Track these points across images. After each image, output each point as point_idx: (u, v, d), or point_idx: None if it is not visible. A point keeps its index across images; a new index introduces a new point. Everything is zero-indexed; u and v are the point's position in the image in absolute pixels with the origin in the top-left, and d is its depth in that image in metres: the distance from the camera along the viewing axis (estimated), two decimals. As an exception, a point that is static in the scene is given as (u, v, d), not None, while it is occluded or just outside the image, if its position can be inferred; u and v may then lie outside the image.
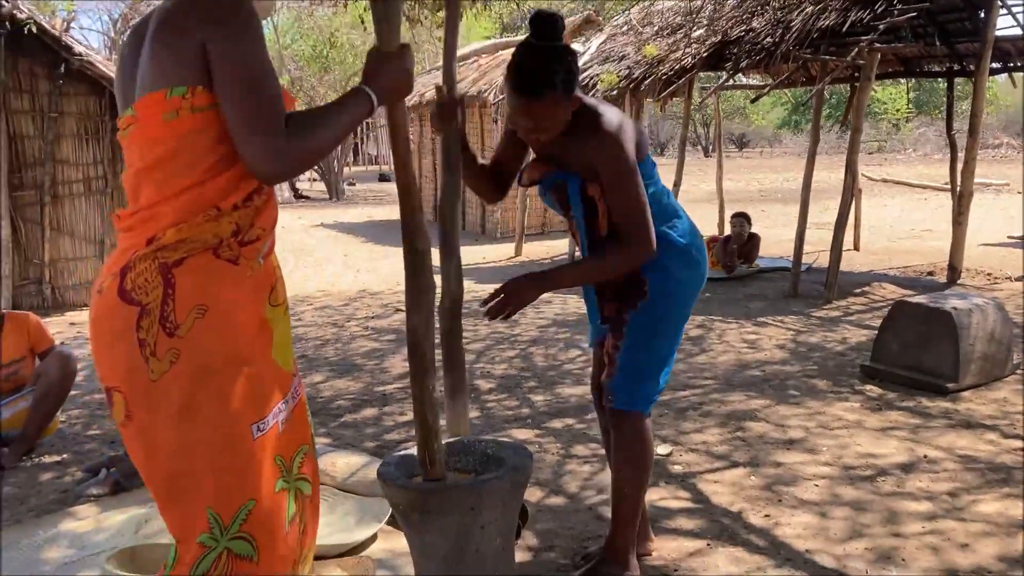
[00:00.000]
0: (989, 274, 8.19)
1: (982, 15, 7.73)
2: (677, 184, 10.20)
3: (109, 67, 8.13)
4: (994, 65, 8.51)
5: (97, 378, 1.80)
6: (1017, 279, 7.90)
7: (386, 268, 10.30)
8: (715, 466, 3.68)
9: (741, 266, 8.74)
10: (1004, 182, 18.21)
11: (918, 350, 4.73)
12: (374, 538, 3.04)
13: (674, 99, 10.99)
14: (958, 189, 8.05)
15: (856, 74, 8.69)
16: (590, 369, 3.00)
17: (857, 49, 7.23)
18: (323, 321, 7.32)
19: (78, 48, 7.80)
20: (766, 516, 3.16)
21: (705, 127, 36.20)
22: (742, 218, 8.94)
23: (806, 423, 4.19)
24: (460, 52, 15.58)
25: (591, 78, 9.52)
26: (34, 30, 7.26)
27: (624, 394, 2.57)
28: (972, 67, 8.23)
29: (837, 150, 27.65)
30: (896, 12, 7.26)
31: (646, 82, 9.13)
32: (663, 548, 2.92)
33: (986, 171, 18.99)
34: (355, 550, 2.96)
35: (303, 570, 1.93)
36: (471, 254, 11.26)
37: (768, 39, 8.04)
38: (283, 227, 14.91)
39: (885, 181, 17.74)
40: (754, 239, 8.91)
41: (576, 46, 9.63)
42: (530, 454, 2.44)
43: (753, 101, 10.29)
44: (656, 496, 3.34)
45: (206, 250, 1.72)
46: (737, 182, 21.65)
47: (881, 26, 7.18)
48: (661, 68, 8.99)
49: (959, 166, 8.24)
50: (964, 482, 3.41)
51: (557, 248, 11.41)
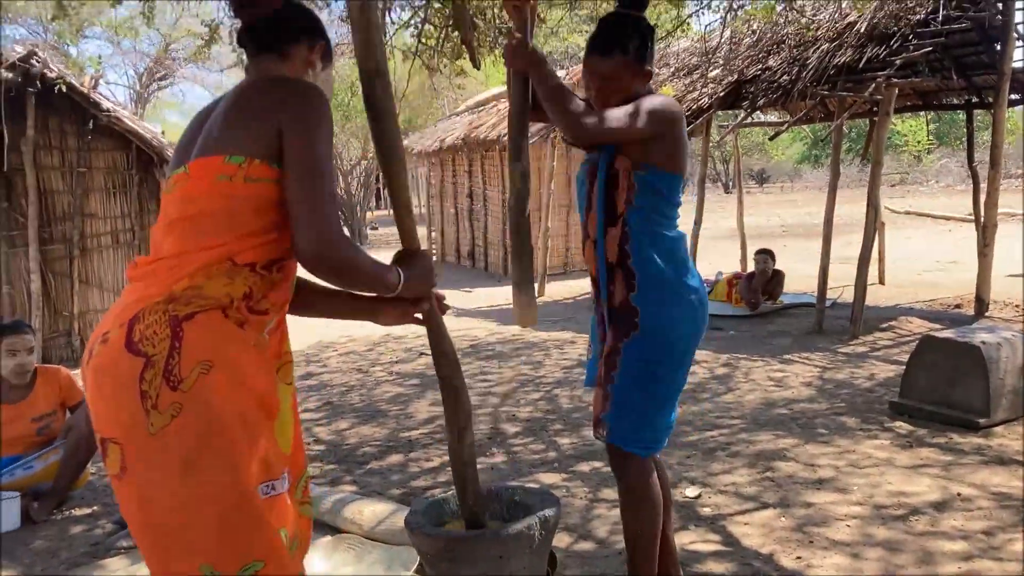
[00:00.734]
0: (1017, 305, 8.10)
1: (998, 48, 7.74)
2: (698, 223, 10.20)
3: (136, 122, 8.32)
4: (1013, 96, 8.50)
5: (94, 428, 1.78)
6: (1046, 310, 7.81)
7: (410, 312, 10.32)
8: (745, 507, 3.64)
9: (765, 303, 8.71)
10: (1029, 212, 18.03)
11: (947, 385, 4.68)
12: (403, 587, 3.04)
13: (693, 137, 11.03)
14: (982, 221, 8.01)
15: (875, 109, 8.71)
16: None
17: (874, 85, 7.26)
18: (348, 367, 7.35)
19: (106, 104, 7.99)
20: (798, 558, 3.12)
21: (724, 163, 36.28)
22: (766, 254, 8.92)
23: (836, 462, 4.15)
24: (480, 97, 15.79)
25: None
26: (64, 89, 7.44)
27: (618, 429, 2.48)
28: (991, 99, 8.23)
29: (859, 183, 27.56)
30: (912, 47, 7.30)
31: (664, 122, 9.17)
32: (694, 593, 2.89)
33: (1010, 201, 18.78)
34: (384, 600, 2.95)
35: None
36: (494, 296, 11.30)
37: (785, 77, 8.10)
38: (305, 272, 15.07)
39: (908, 213, 17.64)
40: (778, 275, 8.89)
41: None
42: (557, 500, 2.44)
43: (771, 139, 10.28)
44: (686, 539, 3.31)
45: (216, 308, 1.74)
46: (758, 218, 21.63)
47: (898, 61, 7.22)
48: (681, 108, 9.04)
49: (982, 197, 8.20)
50: (999, 520, 3.36)
51: (580, 287, 11.42)
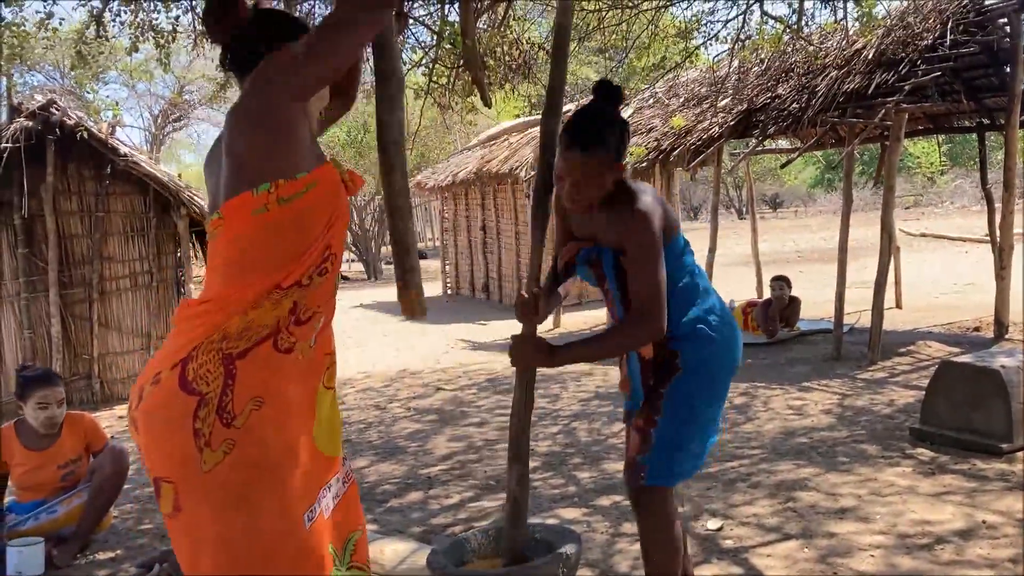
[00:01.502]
0: (1037, 327, 8.04)
1: (1007, 69, 7.76)
2: (712, 250, 10.21)
3: (152, 166, 8.44)
4: (1024, 118, 8.51)
5: (145, 469, 1.81)
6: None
7: (425, 347, 10.37)
8: (767, 539, 3.62)
9: (782, 330, 8.68)
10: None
11: (968, 410, 4.65)
12: (425, 627, 3.03)
13: (704, 166, 11.09)
14: (998, 243, 7.98)
15: (885, 134, 8.73)
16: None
17: (884, 111, 7.28)
18: (366, 403, 7.36)
19: (123, 149, 8.10)
20: (822, 590, 3.10)
21: (737, 190, 36.29)
22: (782, 281, 8.89)
23: (857, 490, 4.12)
24: (491, 132, 15.91)
25: (620, 151, 9.64)
26: (86, 136, 7.56)
27: (656, 469, 2.53)
28: (1002, 121, 8.23)
29: (873, 206, 27.49)
30: (920, 72, 7.32)
31: (675, 153, 9.24)
32: (718, 628, 2.86)
33: (1026, 221, 18.74)
34: (407, 640, 2.95)
35: None
36: (509, 328, 11.28)
37: (794, 105, 8.14)
38: (323, 310, 15.13)
39: (924, 235, 17.60)
40: (794, 302, 8.86)
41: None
42: (578, 536, 2.44)
43: (783, 167, 10.33)
44: (708, 573, 3.29)
45: (266, 340, 1.77)
46: (773, 243, 21.59)
47: (907, 87, 7.25)
48: (689, 138, 9.10)
49: (997, 219, 8.18)
50: (1026, 547, 3.32)
51: (596, 318, 11.41)
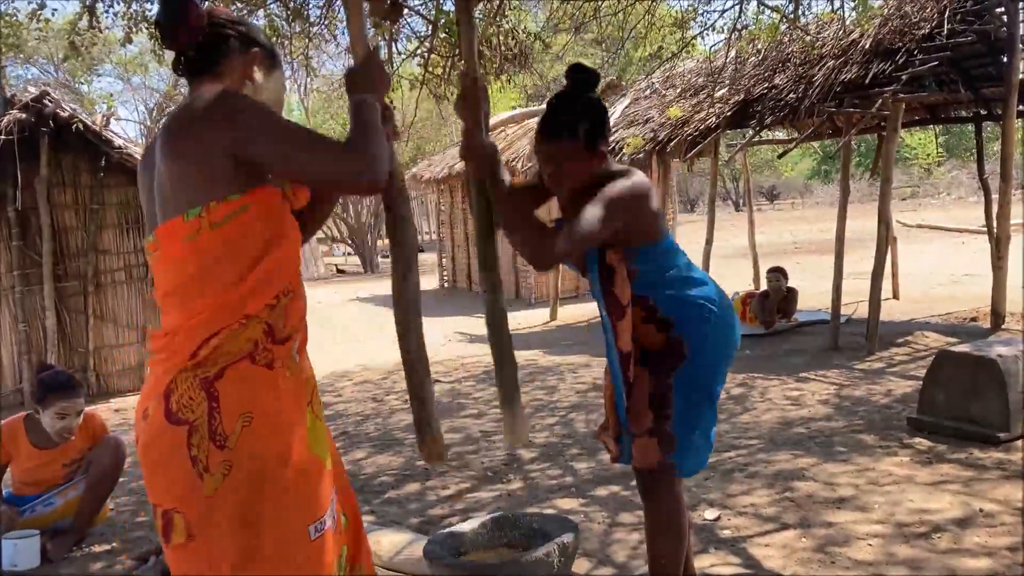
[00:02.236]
0: (1034, 317, 8.05)
1: (1005, 59, 7.74)
2: (709, 242, 10.21)
3: (148, 157, 8.39)
4: (1022, 108, 8.48)
5: (152, 507, 1.82)
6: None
7: (423, 339, 10.34)
8: (765, 529, 3.61)
9: (780, 321, 8.67)
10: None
11: (965, 400, 4.64)
12: (422, 617, 3.02)
13: (701, 157, 11.07)
14: (995, 233, 7.98)
15: (882, 124, 8.71)
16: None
17: (881, 100, 7.26)
18: (363, 396, 7.35)
19: (118, 141, 8.06)
20: (820, 580, 3.09)
21: (734, 181, 36.32)
22: (778, 272, 8.89)
23: (855, 480, 4.11)
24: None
25: (617, 142, 9.63)
26: (81, 128, 7.52)
27: (687, 464, 2.56)
28: (999, 111, 8.22)
29: (869, 197, 27.51)
30: (918, 62, 7.30)
31: (672, 144, 9.22)
32: (716, 617, 2.86)
33: (1022, 211, 18.77)
34: (404, 631, 2.94)
35: None
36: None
37: (791, 95, 8.11)
38: (319, 302, 15.13)
39: (921, 227, 17.59)
40: (791, 293, 8.85)
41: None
42: (575, 526, 2.43)
43: (780, 157, 10.32)
44: (706, 563, 3.29)
45: (243, 358, 1.77)
46: (770, 235, 21.60)
47: (904, 76, 7.22)
48: (686, 129, 9.08)
49: (994, 209, 8.17)
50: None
51: (593, 311, 11.39)
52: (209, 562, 1.74)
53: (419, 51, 6.74)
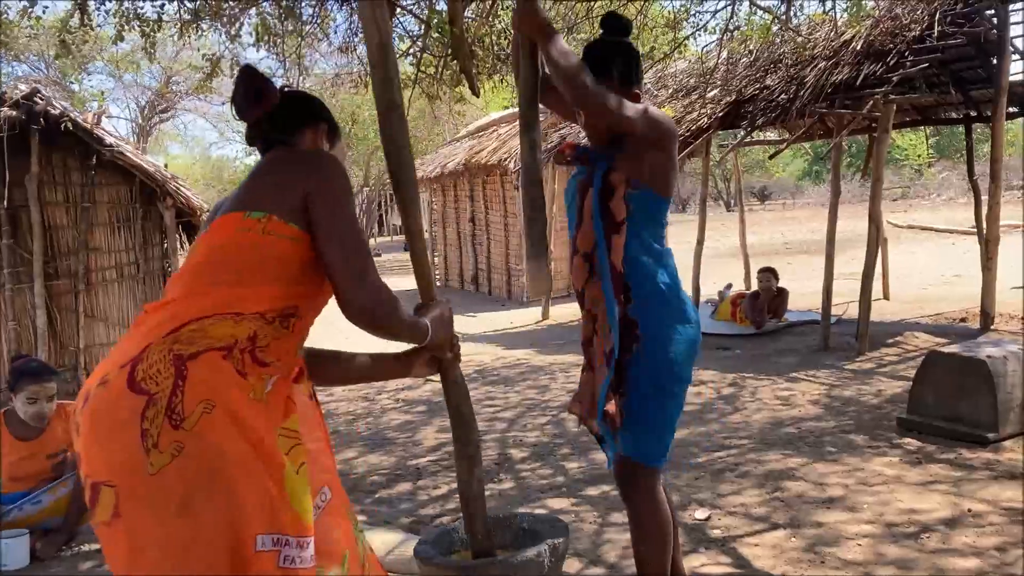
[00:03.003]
0: (1023, 318, 8.08)
1: (995, 62, 7.78)
2: (700, 242, 10.23)
3: (139, 156, 8.37)
4: (1011, 110, 8.53)
5: (82, 476, 1.74)
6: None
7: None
8: (755, 528, 3.63)
9: (770, 321, 8.70)
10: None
11: (955, 400, 4.67)
12: (413, 617, 3.02)
13: (693, 157, 11.09)
14: (984, 234, 8.02)
15: (873, 125, 8.74)
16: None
17: (872, 102, 7.29)
18: (354, 395, 7.34)
19: (109, 139, 8.02)
20: (810, 579, 3.11)
21: (726, 182, 36.34)
22: (768, 273, 8.93)
23: (845, 480, 4.13)
24: (480, 123, 15.88)
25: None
26: (70, 127, 7.49)
27: (637, 445, 2.51)
28: (989, 113, 8.26)
29: (860, 198, 27.56)
30: (908, 64, 7.33)
31: (664, 143, 9.21)
32: (706, 617, 2.87)
33: (1012, 213, 18.84)
34: (395, 630, 2.94)
35: None
36: (498, 320, 11.31)
37: (783, 96, 8.13)
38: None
39: (911, 227, 17.68)
40: (782, 293, 8.89)
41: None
42: (566, 526, 2.44)
43: (771, 157, 10.33)
44: (696, 563, 3.30)
45: (220, 349, 1.74)
46: (761, 235, 21.63)
47: (895, 78, 7.25)
48: (678, 129, 9.08)
49: (984, 211, 8.21)
50: (1012, 536, 3.34)
51: (584, 311, 11.40)
52: (132, 546, 1.66)
53: (412, 50, 6.73)
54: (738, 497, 4.02)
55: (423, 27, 6.39)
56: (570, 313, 11.32)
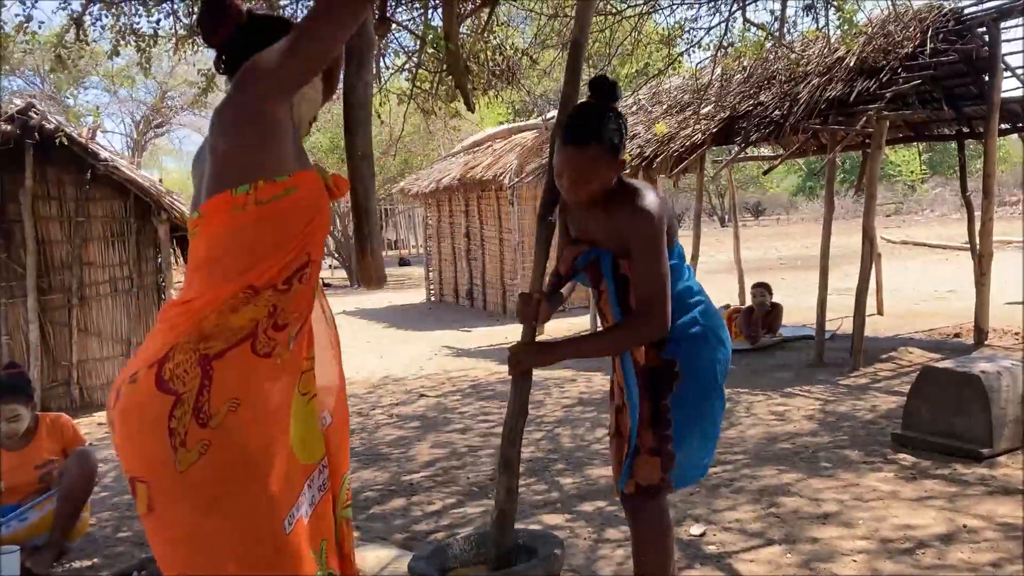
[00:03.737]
0: (1016, 333, 8.11)
1: (986, 78, 7.83)
2: (695, 257, 10.25)
3: (133, 171, 8.37)
4: (1003, 126, 8.58)
5: (123, 470, 1.80)
6: (1045, 337, 7.81)
7: (408, 353, 10.34)
8: (750, 544, 3.62)
9: (765, 336, 8.71)
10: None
11: (949, 416, 4.67)
12: (407, 634, 3.00)
13: (687, 173, 11.13)
14: (978, 250, 8.05)
15: (867, 141, 8.78)
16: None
17: (865, 118, 7.32)
18: (348, 410, 7.31)
19: (104, 154, 8.03)
20: (805, 596, 3.09)
21: (720, 197, 36.42)
22: (763, 288, 8.94)
23: (840, 496, 4.13)
24: (475, 138, 15.91)
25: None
26: (65, 142, 7.49)
27: (681, 477, 2.56)
28: (981, 129, 8.30)
29: (854, 214, 27.66)
30: (901, 80, 7.37)
31: (658, 159, 9.26)
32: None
33: (1005, 228, 18.92)
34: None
35: None
36: (493, 335, 11.30)
37: (776, 112, 8.17)
38: (306, 317, 15.07)
39: (905, 243, 17.71)
40: (776, 309, 8.90)
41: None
42: (561, 542, 2.43)
43: (765, 173, 10.36)
44: (692, 579, 3.29)
45: (244, 341, 1.76)
46: (755, 251, 21.68)
47: (888, 94, 7.29)
48: (672, 145, 9.12)
49: (977, 227, 8.24)
50: (1007, 552, 3.33)
51: (579, 325, 11.39)
52: (166, 538, 1.73)
53: (407, 66, 6.76)
54: (733, 513, 4.01)
55: (419, 43, 6.41)
56: (563, 328, 11.30)
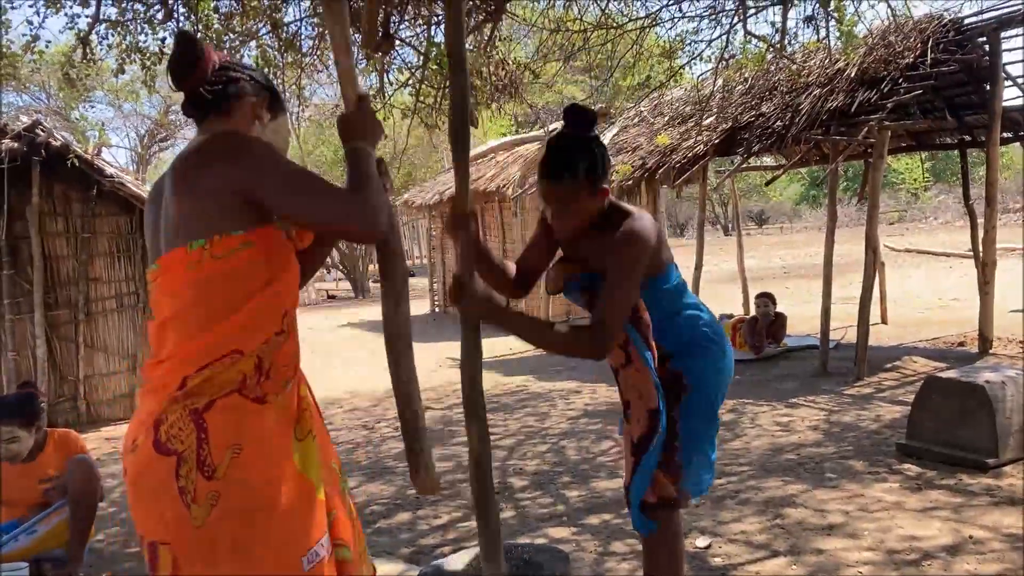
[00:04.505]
0: (1021, 342, 8.10)
1: (988, 88, 7.85)
2: (699, 267, 10.27)
3: (139, 186, 8.41)
4: (1005, 135, 8.60)
5: (139, 539, 1.81)
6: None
7: (414, 366, 10.34)
8: (755, 556, 3.62)
9: (769, 346, 8.71)
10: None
11: (954, 426, 4.67)
12: (415, 649, 3.01)
13: (690, 184, 11.16)
14: (981, 258, 8.05)
15: (869, 151, 8.80)
16: (623, 462, 2.95)
17: (867, 128, 7.35)
18: (353, 424, 7.34)
19: (109, 170, 8.07)
20: (811, 608, 3.10)
21: (723, 206, 36.49)
22: (767, 298, 8.95)
23: (845, 507, 4.13)
24: (478, 150, 15.95)
25: (607, 169, 9.69)
26: (76, 163, 7.55)
27: (695, 487, 2.60)
28: (983, 138, 8.32)
29: (857, 222, 27.68)
30: (903, 90, 7.40)
31: (660, 170, 9.29)
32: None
33: (1008, 236, 18.92)
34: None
35: None
36: (496, 346, 11.30)
37: (778, 123, 8.20)
38: (310, 328, 15.09)
39: (908, 251, 17.73)
40: (780, 318, 8.90)
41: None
42: (567, 556, 2.44)
43: (768, 184, 10.38)
44: (697, 591, 3.29)
45: (233, 391, 1.79)
46: (759, 260, 21.69)
47: (889, 104, 7.32)
48: (674, 156, 9.16)
49: (980, 235, 8.25)
50: (1013, 562, 3.34)
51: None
52: None
53: (410, 81, 6.80)
54: (739, 524, 4.02)
55: (422, 59, 6.46)
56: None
